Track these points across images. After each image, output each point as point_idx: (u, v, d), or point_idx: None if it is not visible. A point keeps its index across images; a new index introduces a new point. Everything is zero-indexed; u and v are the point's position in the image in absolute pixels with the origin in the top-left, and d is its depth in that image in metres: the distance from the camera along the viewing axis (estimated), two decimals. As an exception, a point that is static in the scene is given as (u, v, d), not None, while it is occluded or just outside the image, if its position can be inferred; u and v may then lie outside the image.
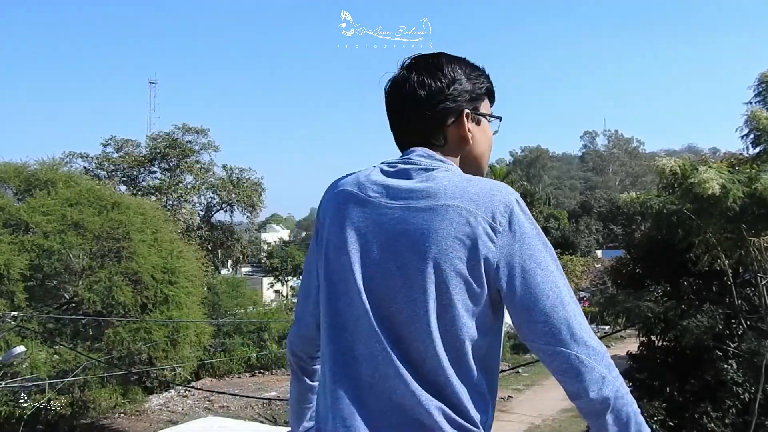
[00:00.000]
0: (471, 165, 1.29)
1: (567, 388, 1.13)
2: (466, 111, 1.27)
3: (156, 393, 19.69)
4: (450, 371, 1.11)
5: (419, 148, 1.24)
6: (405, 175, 1.19)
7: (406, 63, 1.31)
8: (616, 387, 1.11)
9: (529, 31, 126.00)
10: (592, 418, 1.13)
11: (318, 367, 1.43)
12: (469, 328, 1.12)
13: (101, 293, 14.58)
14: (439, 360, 1.10)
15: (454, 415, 1.10)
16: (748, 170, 9.12)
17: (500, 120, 1.35)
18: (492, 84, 1.35)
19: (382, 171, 1.22)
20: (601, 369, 1.11)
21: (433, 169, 1.19)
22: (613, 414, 1.11)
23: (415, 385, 1.10)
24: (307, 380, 1.44)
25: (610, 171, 72.45)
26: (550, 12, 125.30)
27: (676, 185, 9.36)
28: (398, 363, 1.11)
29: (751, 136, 10.03)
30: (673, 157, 10.35)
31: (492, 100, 1.35)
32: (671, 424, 10.85)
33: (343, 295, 1.17)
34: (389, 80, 1.32)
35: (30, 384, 13.21)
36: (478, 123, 1.30)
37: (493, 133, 1.35)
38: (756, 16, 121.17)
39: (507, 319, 1.19)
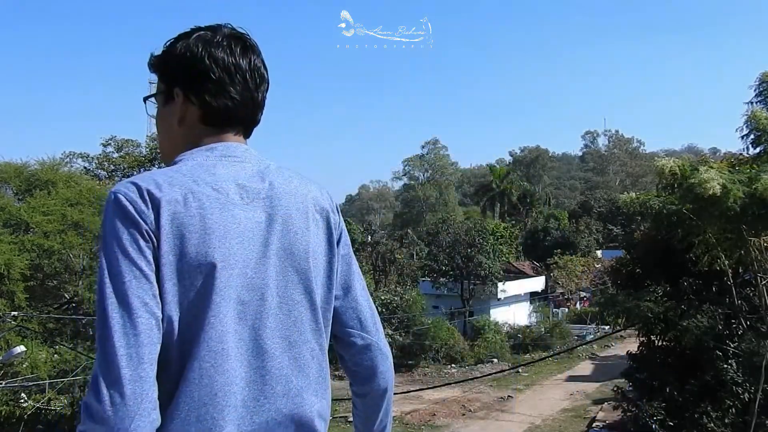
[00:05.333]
0: None
1: None
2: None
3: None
4: None
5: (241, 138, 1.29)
6: None
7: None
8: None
9: (530, 31, 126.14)
10: None
11: None
12: None
13: (101, 293, 14.59)
14: None
15: None
16: (748, 170, 9.11)
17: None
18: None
19: None
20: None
21: None
22: None
23: None
24: None
25: (611, 171, 72.45)
26: (550, 12, 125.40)
27: (675, 185, 9.36)
28: None
29: (752, 136, 10.03)
30: (673, 157, 10.36)
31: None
32: (671, 423, 10.85)
33: None
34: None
35: (30, 384, 13.22)
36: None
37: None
38: (757, 16, 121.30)
39: (506, 318, 1.18)
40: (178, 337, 1.04)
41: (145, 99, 1.28)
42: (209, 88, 1.17)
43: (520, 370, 24.19)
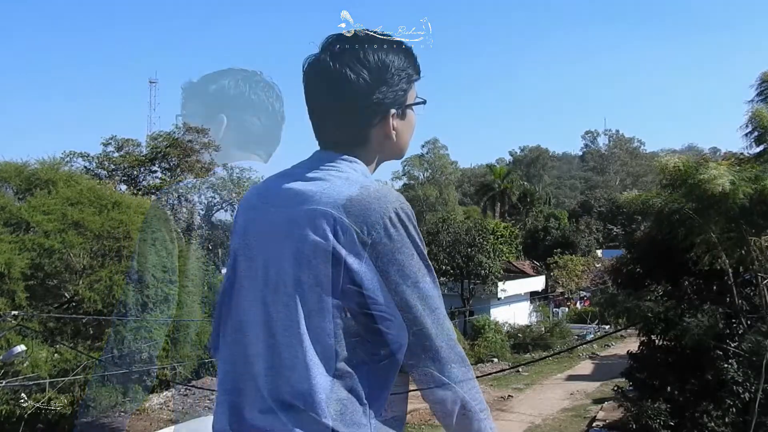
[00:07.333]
0: (391, 156, 1.30)
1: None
2: (393, 111, 1.20)
3: (156, 392, 19.71)
4: None
5: (324, 153, 1.24)
6: (292, 178, 1.23)
7: (326, 44, 1.21)
8: None
9: (530, 31, 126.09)
10: None
11: None
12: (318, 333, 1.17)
13: (102, 292, 14.59)
14: None
15: None
16: (752, 169, 9.11)
17: (425, 103, 1.27)
18: (416, 59, 1.23)
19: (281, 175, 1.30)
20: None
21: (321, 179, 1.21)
22: None
23: None
24: None
25: (611, 171, 72.44)
26: (550, 12, 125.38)
27: (678, 183, 9.35)
28: None
29: (755, 133, 10.02)
30: (676, 155, 10.35)
31: (419, 76, 1.25)
32: (671, 423, 10.86)
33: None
34: (309, 63, 1.22)
35: (30, 383, 13.23)
36: (403, 117, 1.24)
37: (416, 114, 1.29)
38: (757, 15, 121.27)
39: (506, 318, 1.18)
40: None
41: None
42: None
43: (520, 370, 24.19)
